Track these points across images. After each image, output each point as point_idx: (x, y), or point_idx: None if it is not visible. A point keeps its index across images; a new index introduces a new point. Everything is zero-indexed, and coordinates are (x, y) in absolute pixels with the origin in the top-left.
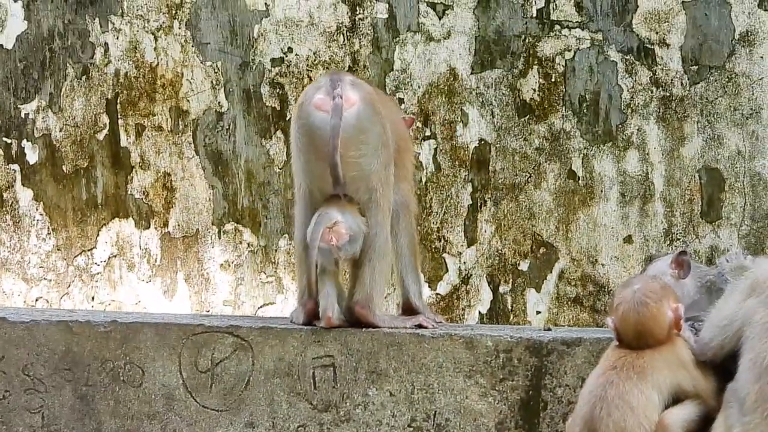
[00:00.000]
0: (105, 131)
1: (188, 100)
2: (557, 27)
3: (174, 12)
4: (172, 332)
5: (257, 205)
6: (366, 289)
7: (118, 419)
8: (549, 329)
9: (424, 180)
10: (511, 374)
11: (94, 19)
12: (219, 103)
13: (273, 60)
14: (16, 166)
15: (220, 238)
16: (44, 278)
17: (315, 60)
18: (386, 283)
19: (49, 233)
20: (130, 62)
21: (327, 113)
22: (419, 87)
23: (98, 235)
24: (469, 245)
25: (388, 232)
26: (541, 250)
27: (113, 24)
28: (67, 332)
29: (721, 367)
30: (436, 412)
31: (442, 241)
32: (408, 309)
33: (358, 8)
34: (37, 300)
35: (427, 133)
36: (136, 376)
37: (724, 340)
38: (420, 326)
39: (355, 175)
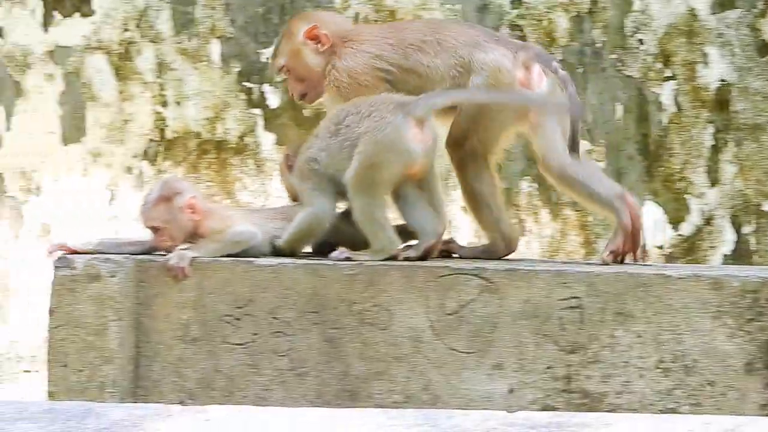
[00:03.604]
0: None
1: None
2: None
3: None
4: (419, 275)
5: None
6: None
7: (366, 362)
8: None
9: (666, 121)
10: (759, 315)
11: None
12: None
13: (512, 2)
14: (258, 111)
15: None
16: None
17: (554, 2)
18: None
19: None
20: (370, 5)
21: None
22: (659, 28)
23: None
24: (711, 186)
25: None
26: None
27: None
28: (314, 275)
29: None
30: (683, 353)
31: (684, 182)
32: None
33: None
34: None
35: (668, 74)
36: (383, 318)
37: None
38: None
39: None
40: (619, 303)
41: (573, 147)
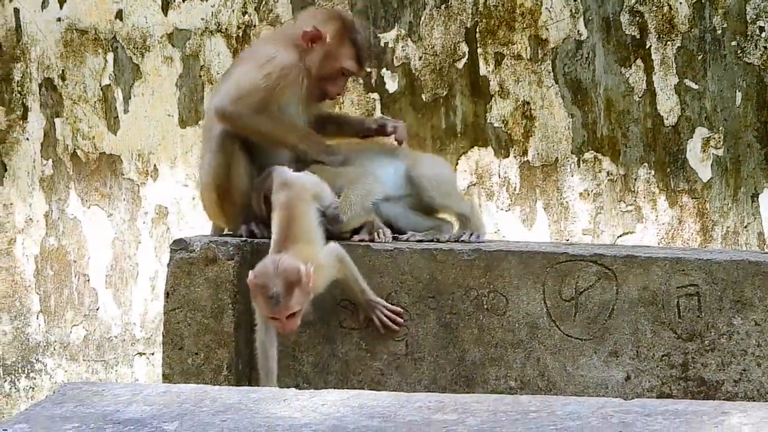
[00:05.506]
0: (464, 60)
1: (547, 29)
2: None
3: None
4: (536, 261)
5: (617, 134)
6: None
7: (482, 347)
8: None
9: None
10: None
11: None
12: (578, 31)
13: None
14: (375, 95)
15: (579, 167)
16: None
17: None
18: None
19: None
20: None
21: None
22: None
23: (457, 163)
24: None
25: None
26: None
27: None
28: (431, 260)
29: None
30: None
31: None
32: None
33: None
34: None
35: None
36: (500, 304)
37: None
38: None
39: None
40: (738, 291)
41: None
